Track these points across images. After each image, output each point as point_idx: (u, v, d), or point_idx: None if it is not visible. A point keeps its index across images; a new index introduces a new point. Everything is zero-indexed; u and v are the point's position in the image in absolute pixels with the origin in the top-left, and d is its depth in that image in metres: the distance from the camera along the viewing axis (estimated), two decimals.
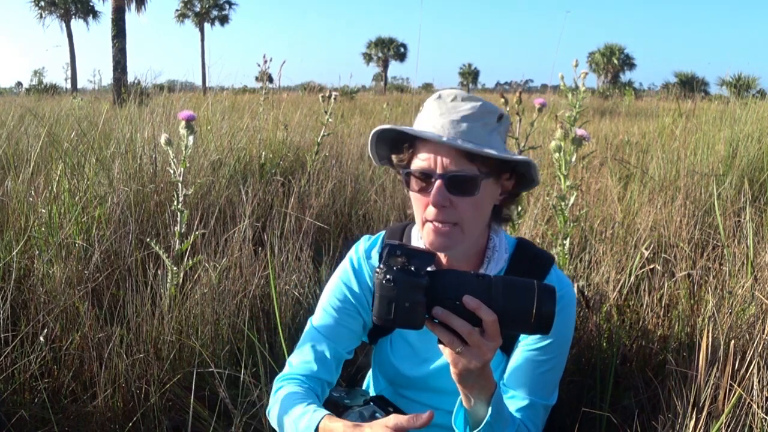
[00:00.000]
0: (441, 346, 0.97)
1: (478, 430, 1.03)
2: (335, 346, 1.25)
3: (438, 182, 1.08)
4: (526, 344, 1.18)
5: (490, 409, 1.02)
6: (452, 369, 0.98)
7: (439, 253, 1.20)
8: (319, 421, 1.07)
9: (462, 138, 1.07)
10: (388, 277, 0.94)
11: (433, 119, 1.11)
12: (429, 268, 0.97)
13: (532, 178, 1.19)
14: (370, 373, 1.47)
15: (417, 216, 1.16)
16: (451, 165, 1.08)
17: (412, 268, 0.94)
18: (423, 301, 0.94)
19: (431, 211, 1.10)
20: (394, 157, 1.18)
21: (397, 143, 1.16)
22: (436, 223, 1.11)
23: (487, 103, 1.13)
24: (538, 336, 1.16)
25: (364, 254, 1.30)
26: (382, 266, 0.96)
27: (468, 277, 0.95)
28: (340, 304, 1.27)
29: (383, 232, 1.34)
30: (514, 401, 1.17)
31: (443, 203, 1.08)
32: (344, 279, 1.29)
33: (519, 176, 1.18)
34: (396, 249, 0.97)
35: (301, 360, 1.24)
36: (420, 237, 1.25)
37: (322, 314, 1.29)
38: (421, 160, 1.11)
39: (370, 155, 1.21)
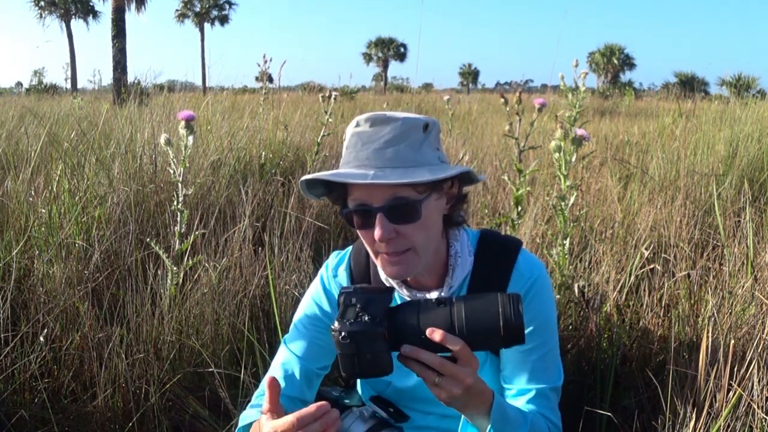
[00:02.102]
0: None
1: None
2: (306, 364, 1.25)
3: (379, 215, 1.05)
4: None
5: (490, 422, 1.01)
6: (437, 398, 0.96)
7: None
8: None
9: (390, 165, 1.03)
10: (343, 334, 0.92)
11: (357, 153, 1.06)
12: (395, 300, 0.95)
13: (474, 178, 1.17)
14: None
15: (368, 249, 1.14)
16: (388, 194, 1.04)
17: (367, 318, 0.92)
18: (385, 348, 0.93)
19: (380, 244, 1.08)
20: (329, 198, 1.16)
21: (329, 184, 1.12)
22: (389, 255, 1.09)
23: (408, 118, 1.08)
24: None
25: (332, 273, 1.31)
26: (336, 323, 0.94)
27: (428, 306, 0.93)
28: (311, 322, 1.28)
29: (350, 248, 1.33)
30: (523, 396, 1.16)
31: (389, 235, 1.05)
32: (315, 297, 1.30)
33: (460, 179, 1.15)
34: (351, 297, 0.95)
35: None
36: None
37: (293, 332, 1.30)
38: (356, 198, 1.08)
39: (306, 196, 1.18)
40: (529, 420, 1.11)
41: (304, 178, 1.10)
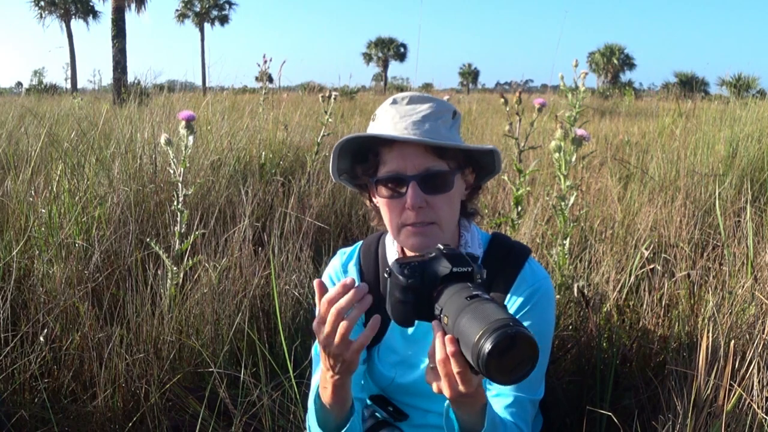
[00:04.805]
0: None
1: None
2: None
3: (412, 183, 1.09)
4: None
5: (485, 425, 0.97)
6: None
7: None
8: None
9: (428, 137, 1.09)
10: (387, 269, 0.96)
11: (395, 123, 1.12)
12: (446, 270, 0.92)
13: (492, 169, 1.22)
14: None
15: (390, 223, 1.15)
16: (422, 164, 1.10)
17: (408, 270, 0.93)
18: (409, 301, 0.93)
19: (408, 215, 1.11)
20: (358, 168, 1.17)
21: (361, 153, 1.16)
22: (415, 226, 1.11)
23: (441, 101, 1.16)
24: None
25: (341, 269, 1.31)
26: (398, 263, 0.95)
27: (462, 293, 0.86)
28: None
29: (359, 244, 1.34)
30: (501, 399, 1.15)
31: (420, 204, 1.09)
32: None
33: (479, 169, 1.22)
34: (434, 251, 0.95)
35: None
36: (393, 244, 1.25)
37: None
38: (390, 167, 1.11)
39: (330, 170, 1.20)
40: (508, 427, 1.10)
41: (346, 137, 1.14)
